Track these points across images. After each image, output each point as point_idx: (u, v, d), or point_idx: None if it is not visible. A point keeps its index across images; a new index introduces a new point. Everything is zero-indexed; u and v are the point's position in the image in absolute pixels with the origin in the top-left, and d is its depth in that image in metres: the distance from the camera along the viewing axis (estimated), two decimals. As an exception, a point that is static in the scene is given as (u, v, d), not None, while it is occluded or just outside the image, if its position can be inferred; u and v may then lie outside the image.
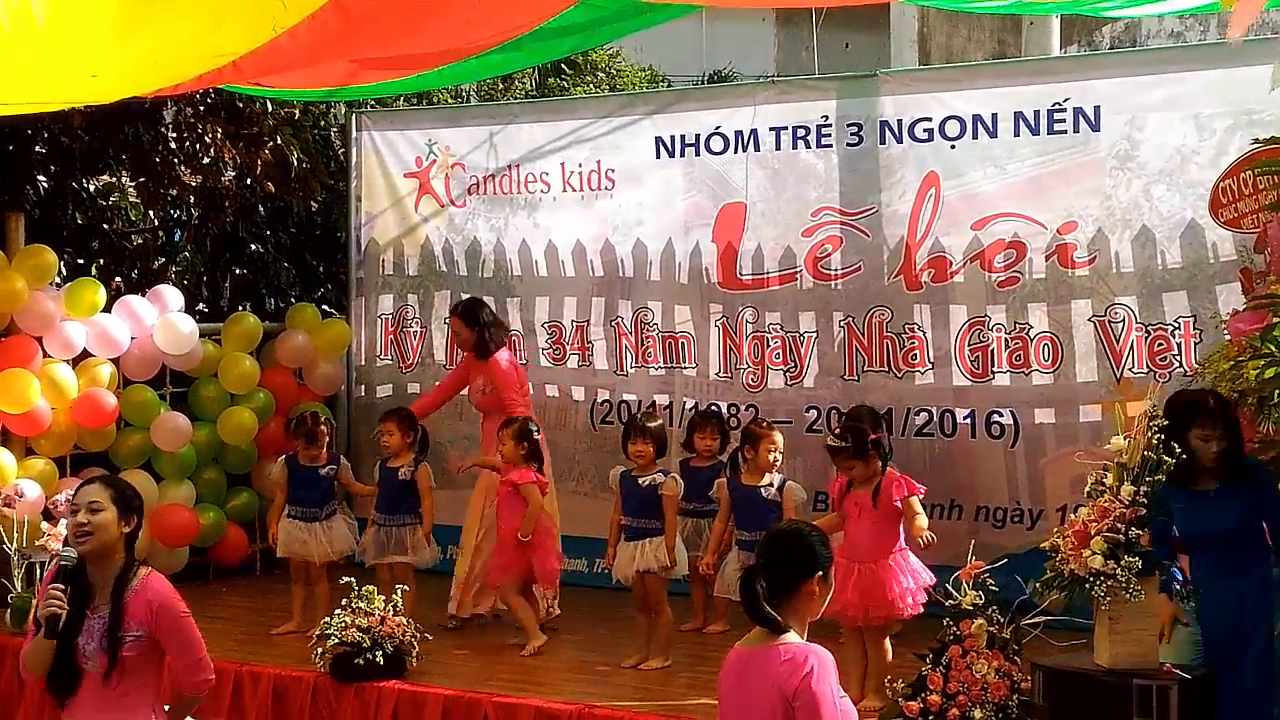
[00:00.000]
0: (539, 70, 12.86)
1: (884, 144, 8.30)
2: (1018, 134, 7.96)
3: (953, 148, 8.13)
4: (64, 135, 9.92)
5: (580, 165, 9.28)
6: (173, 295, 9.37)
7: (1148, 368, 7.58)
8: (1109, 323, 7.73)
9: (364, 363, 10.14)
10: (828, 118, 8.49)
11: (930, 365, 8.18)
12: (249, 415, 9.36)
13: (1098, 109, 7.77)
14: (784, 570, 3.96)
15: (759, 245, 8.70)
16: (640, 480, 7.26)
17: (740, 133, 8.75)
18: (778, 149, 8.65)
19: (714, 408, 8.57)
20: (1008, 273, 7.98)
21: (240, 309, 10.36)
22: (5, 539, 7.86)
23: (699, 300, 8.88)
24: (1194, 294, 7.53)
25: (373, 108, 10.45)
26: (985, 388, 8.06)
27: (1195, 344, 7.47)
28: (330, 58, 7.27)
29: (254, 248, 10.91)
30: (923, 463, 8.10)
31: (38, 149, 10.13)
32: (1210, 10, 12.34)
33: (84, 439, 8.95)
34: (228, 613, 8.57)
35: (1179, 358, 7.52)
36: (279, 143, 10.14)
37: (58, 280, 9.26)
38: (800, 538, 4.05)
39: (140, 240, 11.00)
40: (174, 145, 10.21)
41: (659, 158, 9.02)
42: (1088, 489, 5.74)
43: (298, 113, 10.38)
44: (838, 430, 6.72)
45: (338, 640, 6.87)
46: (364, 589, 7.03)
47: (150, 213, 11.03)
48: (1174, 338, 7.57)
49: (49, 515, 7.83)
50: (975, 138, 8.07)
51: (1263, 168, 6.98)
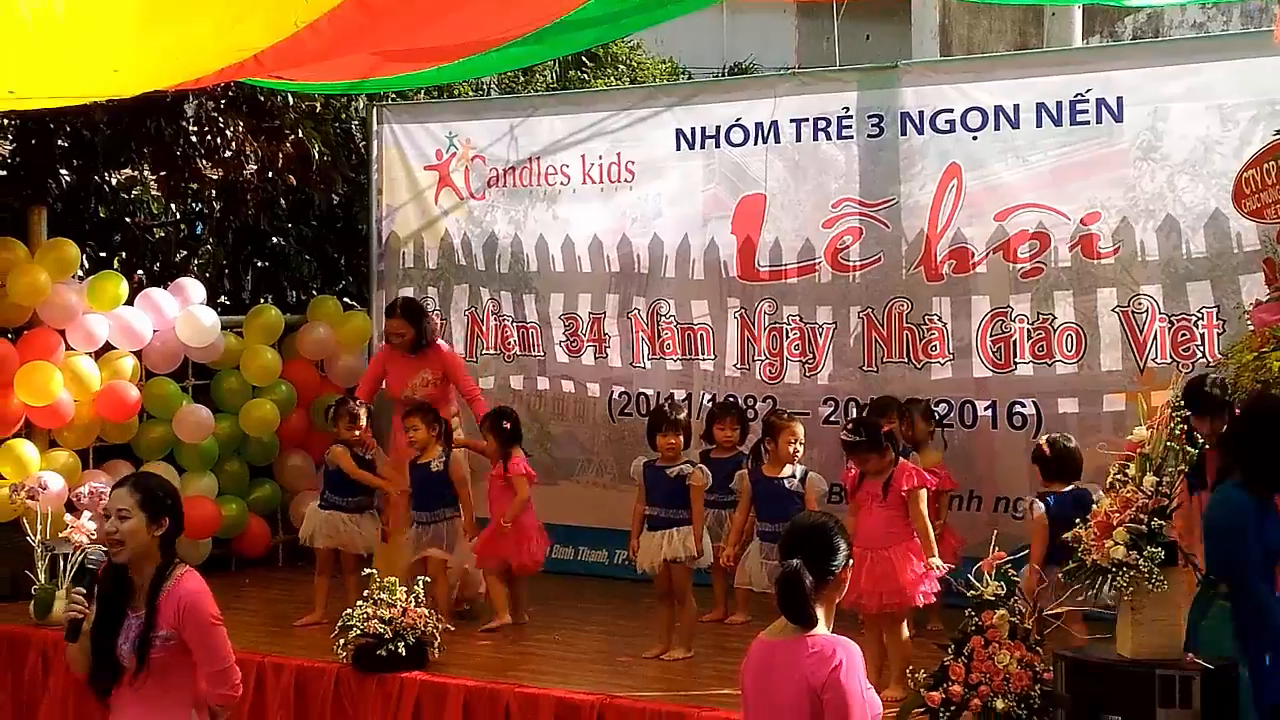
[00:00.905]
0: (559, 63, 12.83)
1: (905, 135, 8.30)
2: (1040, 125, 7.94)
3: (975, 139, 8.12)
4: (86, 129, 9.94)
5: (600, 158, 9.29)
6: (194, 288, 9.41)
7: (1171, 358, 7.56)
8: (1133, 313, 7.71)
9: (385, 355, 10.16)
10: (848, 109, 8.48)
11: (950, 356, 8.18)
12: (271, 407, 9.40)
13: (1120, 100, 7.75)
14: (821, 562, 3.95)
15: (778, 237, 8.70)
16: (668, 471, 7.28)
17: (760, 124, 8.75)
18: (798, 140, 8.64)
19: (732, 399, 8.59)
20: (1032, 263, 7.96)
21: (262, 301, 10.38)
22: (29, 531, 7.90)
23: (717, 292, 8.89)
24: (1217, 284, 7.50)
25: (393, 100, 10.46)
26: (1007, 378, 8.04)
27: (1219, 334, 7.44)
28: (351, 50, 7.29)
29: (275, 240, 10.92)
30: (941, 453, 8.08)
31: (60, 143, 10.16)
32: (1233, 0, 12.30)
33: (107, 431, 8.99)
34: (251, 604, 8.61)
35: (1202, 348, 7.50)
36: (300, 136, 10.16)
37: (80, 273, 9.31)
38: (829, 528, 4.05)
39: (162, 233, 11.03)
40: (195, 139, 10.24)
41: (679, 150, 9.03)
42: (1110, 480, 5.73)
43: (319, 106, 10.38)
44: (850, 425, 6.72)
45: (360, 632, 6.89)
46: (386, 580, 7.05)
47: (172, 206, 11.04)
48: (1197, 328, 7.54)
49: (72, 507, 7.87)
50: (997, 129, 8.05)
51: (1286, 159, 6.93)
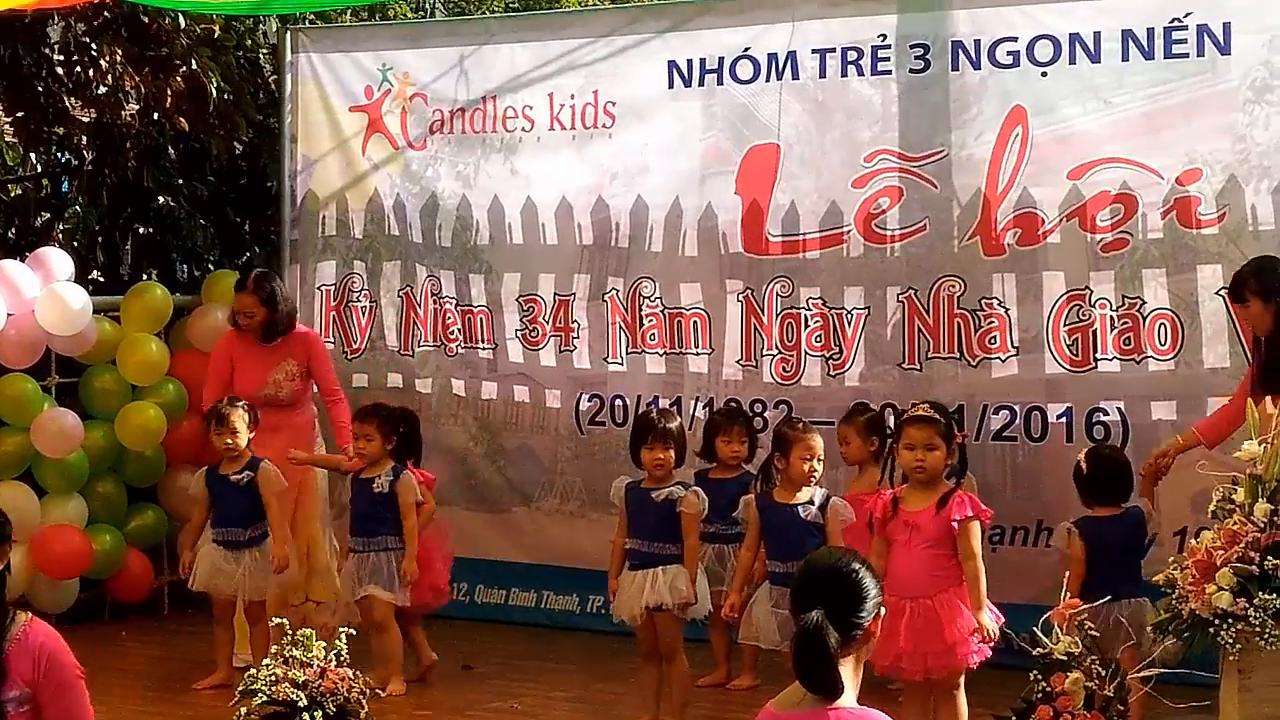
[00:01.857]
0: (522, -23, 12.85)
1: (956, 71, 8.29)
2: (1126, 58, 7.95)
3: (1044, 75, 8.12)
4: (-82, 59, 9.94)
5: (572, 97, 9.28)
6: (59, 260, 9.35)
7: (1291, 353, 7.57)
8: (1242, 296, 7.71)
9: (300, 346, 10.14)
10: (885, 37, 8.47)
11: (1014, 351, 8.18)
12: (155, 413, 9.36)
13: (1227, 26, 7.75)
14: (845, 613, 3.89)
15: (794, 199, 8.69)
16: (654, 495, 7.24)
17: (774, 56, 8.74)
18: (822, 77, 8.63)
19: (734, 404, 8.60)
20: (1115, 233, 7.97)
21: (145, 278, 10.36)
22: None
23: (715, 270, 8.89)
24: (1349, 260, 7.52)
25: (312, 23, 10.43)
26: (1086, 378, 8.05)
27: (1350, 322, 7.45)
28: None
29: (162, 200, 10.88)
30: (1001, 475, 8.12)
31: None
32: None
33: (-55, 443, 8.99)
34: (129, 662, 8.61)
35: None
36: (194, 68, 10.11)
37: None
38: (853, 568, 3.97)
39: (19, 191, 11.00)
40: (61, 72, 10.20)
41: (671, 88, 9.03)
42: (1212, 508, 5.72)
43: (217, 30, 10.33)
44: (921, 404, 6.76)
45: (266, 698, 6.84)
46: (300, 632, 7.01)
47: (32, 156, 11.02)
48: (1324, 314, 7.56)
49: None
50: (1073, 63, 8.06)
51: None
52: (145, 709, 7.56)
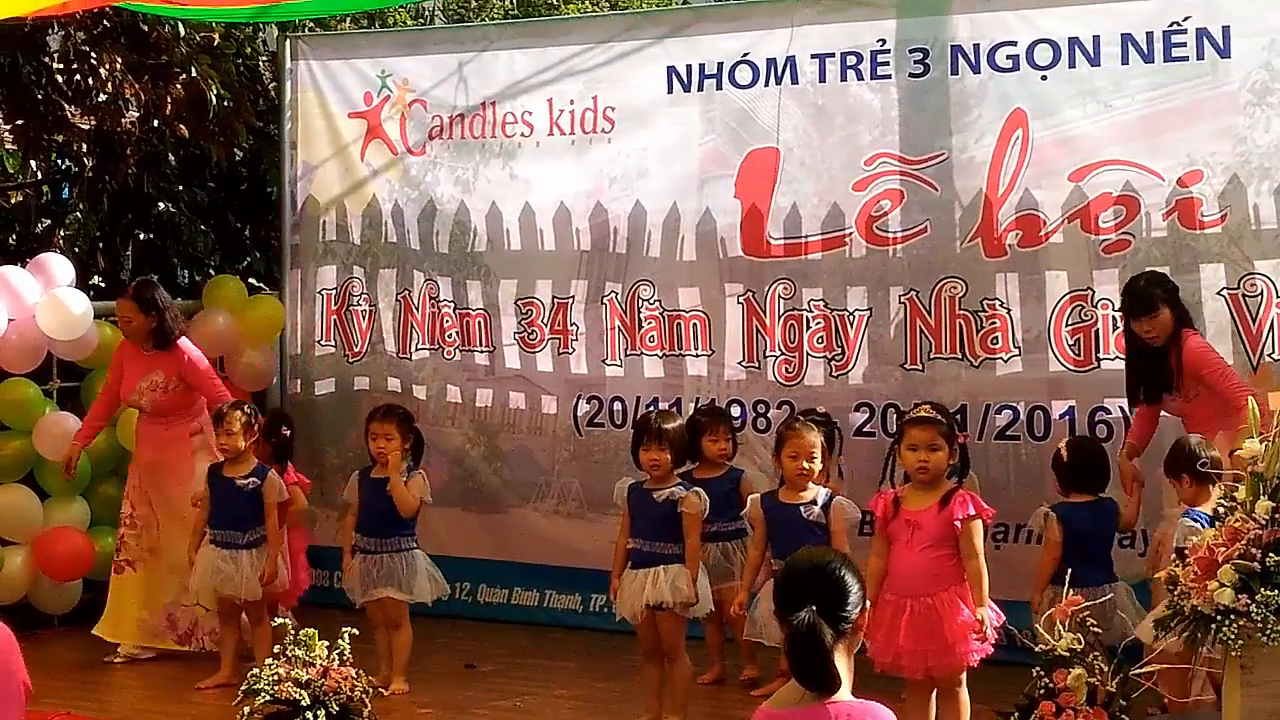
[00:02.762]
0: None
1: (956, 74, 8.33)
2: (1126, 62, 7.98)
3: (1044, 79, 8.15)
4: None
5: (571, 103, 9.30)
6: (60, 266, 9.36)
7: (1292, 351, 7.61)
8: (1244, 296, 7.75)
9: (300, 350, 10.16)
10: (884, 42, 8.50)
11: (1017, 350, 8.21)
12: (156, 417, 9.34)
13: (1226, 30, 7.78)
14: (833, 609, 3.92)
15: (795, 203, 8.70)
16: (655, 495, 7.26)
17: (773, 61, 8.76)
18: (821, 81, 8.65)
19: (736, 405, 8.64)
20: (1117, 234, 7.99)
21: (145, 284, 10.35)
22: None
23: (714, 273, 8.90)
24: (1351, 260, 7.56)
25: (312, 31, 10.45)
26: (1089, 378, 8.08)
27: (1351, 323, 7.50)
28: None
29: (162, 207, 10.90)
30: (1004, 474, 8.13)
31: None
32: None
33: (-53, 447, 8.99)
34: (131, 662, 8.54)
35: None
36: (194, 76, 10.13)
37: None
38: (833, 564, 4.00)
39: (19, 197, 11.00)
40: (61, 80, 10.21)
41: (670, 93, 9.05)
42: (1215, 505, 5.73)
43: (217, 38, 10.36)
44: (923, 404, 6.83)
45: (270, 697, 6.85)
46: (302, 632, 7.02)
47: (32, 163, 11.03)
48: (1324, 314, 7.59)
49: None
50: (1073, 66, 8.10)
51: None
52: (149, 708, 7.54)
